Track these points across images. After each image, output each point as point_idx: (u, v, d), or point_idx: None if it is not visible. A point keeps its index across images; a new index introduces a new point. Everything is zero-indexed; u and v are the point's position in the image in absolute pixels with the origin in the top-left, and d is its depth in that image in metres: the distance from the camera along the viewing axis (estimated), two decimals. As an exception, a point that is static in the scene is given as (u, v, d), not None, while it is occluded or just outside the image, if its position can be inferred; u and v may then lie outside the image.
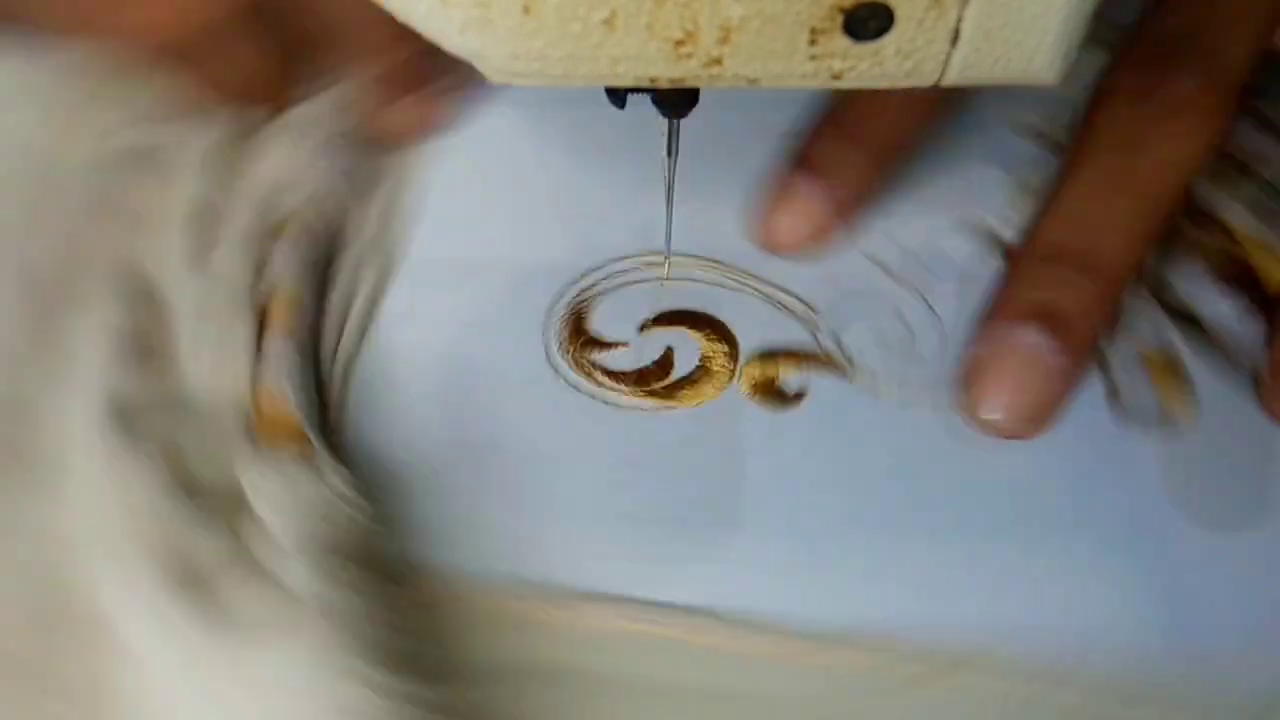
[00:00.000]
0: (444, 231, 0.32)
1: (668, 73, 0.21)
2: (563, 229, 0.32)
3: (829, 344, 0.31)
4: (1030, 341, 0.27)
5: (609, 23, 0.20)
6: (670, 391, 0.30)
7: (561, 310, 0.31)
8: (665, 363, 0.30)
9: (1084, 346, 0.28)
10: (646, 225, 0.31)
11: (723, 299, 0.31)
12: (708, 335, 0.31)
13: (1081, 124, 0.30)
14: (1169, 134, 0.28)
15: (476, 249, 0.31)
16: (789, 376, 0.30)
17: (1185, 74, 0.28)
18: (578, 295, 0.31)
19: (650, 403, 0.29)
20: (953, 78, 0.21)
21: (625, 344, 0.30)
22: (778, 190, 0.32)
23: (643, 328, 0.31)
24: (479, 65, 0.21)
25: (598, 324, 0.31)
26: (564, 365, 0.29)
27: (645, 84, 0.21)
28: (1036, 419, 0.28)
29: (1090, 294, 0.28)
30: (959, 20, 0.20)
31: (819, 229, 0.31)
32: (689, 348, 0.31)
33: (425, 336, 0.30)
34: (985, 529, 0.28)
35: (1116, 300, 0.29)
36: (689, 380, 0.30)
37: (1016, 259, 0.29)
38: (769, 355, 0.30)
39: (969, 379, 0.28)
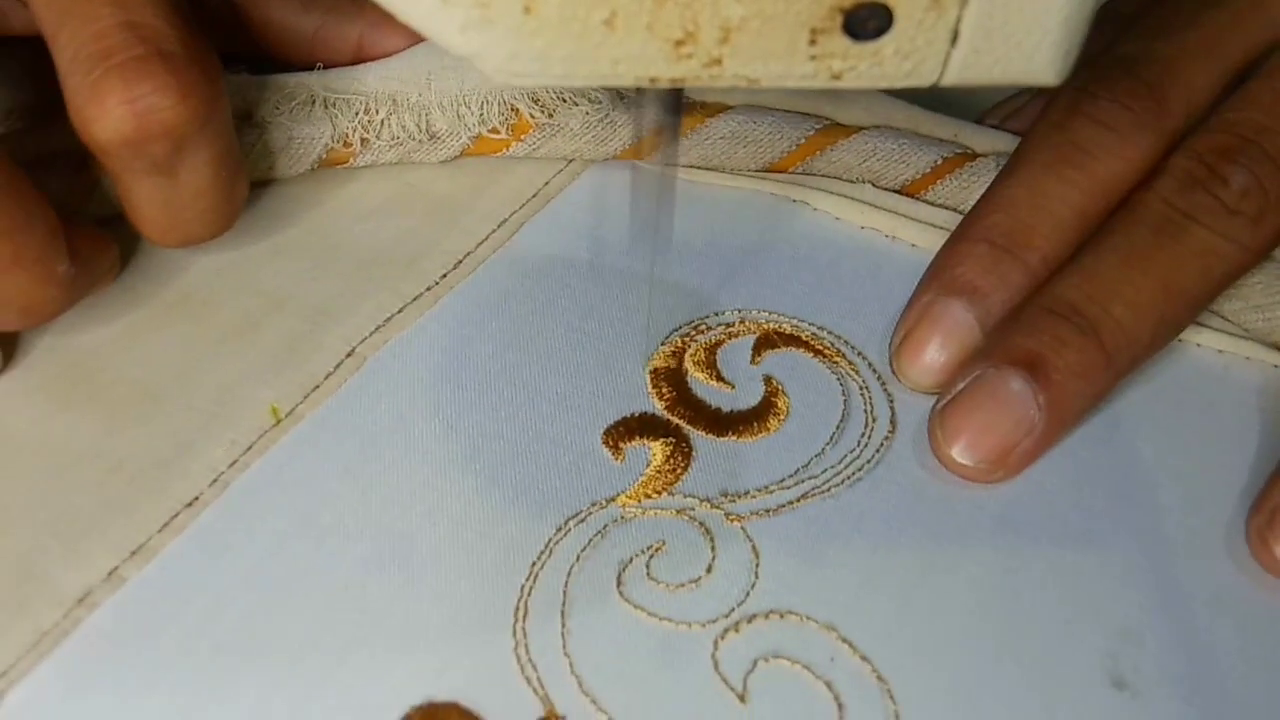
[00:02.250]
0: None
1: (668, 73, 0.21)
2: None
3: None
4: (1011, 387, 0.27)
5: (609, 23, 0.20)
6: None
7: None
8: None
9: (1064, 408, 0.27)
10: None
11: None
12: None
13: (1134, 189, 0.29)
14: (1214, 230, 0.27)
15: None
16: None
17: (1243, 172, 0.27)
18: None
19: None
20: (952, 78, 0.21)
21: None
22: (921, 316, 0.29)
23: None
24: (479, 65, 0.21)
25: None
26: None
27: (645, 84, 0.21)
28: (996, 464, 0.27)
29: (1086, 360, 0.27)
30: (959, 20, 0.20)
31: (967, 360, 0.28)
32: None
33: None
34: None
35: (1111, 379, 0.28)
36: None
37: (1023, 305, 0.28)
38: None
39: (942, 414, 0.28)
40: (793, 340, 0.31)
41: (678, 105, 0.25)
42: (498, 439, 0.28)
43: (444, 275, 0.32)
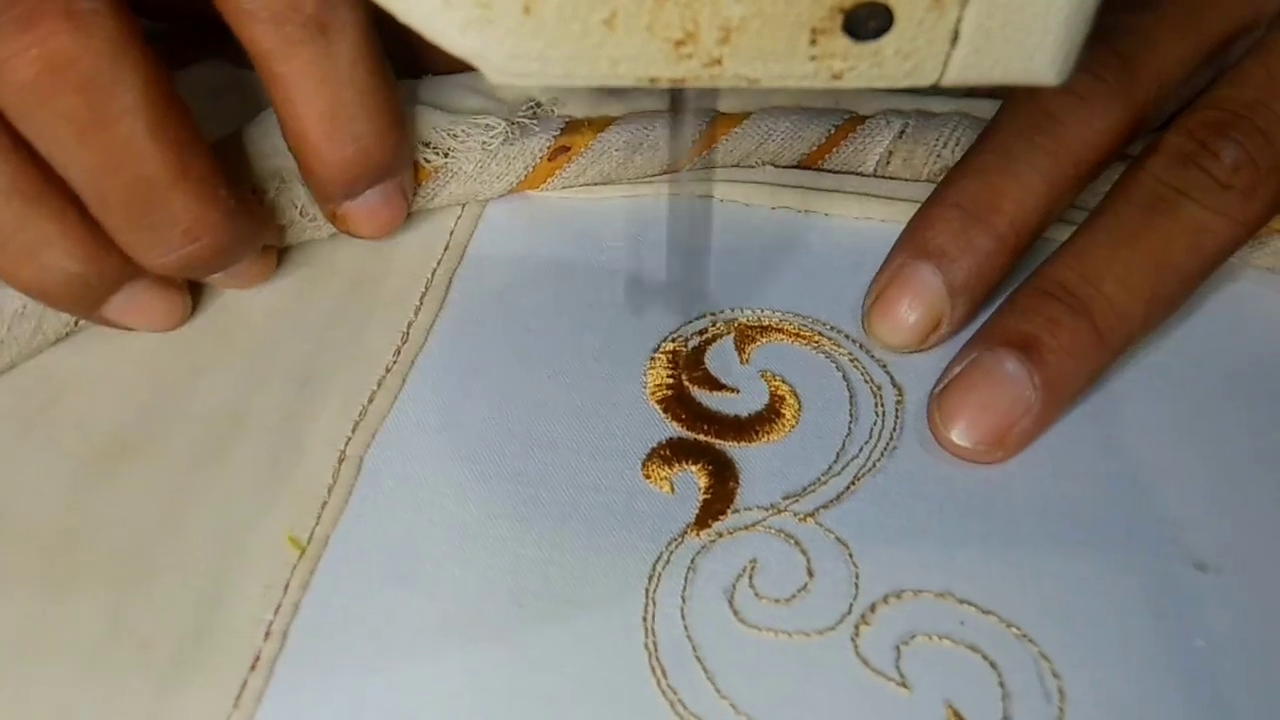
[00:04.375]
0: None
1: (668, 73, 0.20)
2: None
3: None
4: (1005, 368, 0.28)
5: (609, 23, 0.19)
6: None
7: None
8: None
9: (1060, 387, 0.28)
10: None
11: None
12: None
13: (1126, 169, 0.29)
14: (1205, 205, 0.28)
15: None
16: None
17: (1234, 147, 0.28)
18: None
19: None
20: (953, 78, 0.21)
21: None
22: (892, 278, 0.30)
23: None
24: (479, 65, 0.21)
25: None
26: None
27: (645, 84, 0.21)
28: (994, 445, 0.28)
29: (1079, 339, 0.28)
30: (959, 20, 0.20)
31: (937, 323, 0.30)
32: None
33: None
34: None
35: (1106, 357, 0.28)
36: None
37: (1019, 289, 0.29)
38: None
39: (940, 398, 0.28)
40: (767, 330, 0.31)
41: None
42: (538, 504, 0.27)
43: (397, 351, 0.30)
